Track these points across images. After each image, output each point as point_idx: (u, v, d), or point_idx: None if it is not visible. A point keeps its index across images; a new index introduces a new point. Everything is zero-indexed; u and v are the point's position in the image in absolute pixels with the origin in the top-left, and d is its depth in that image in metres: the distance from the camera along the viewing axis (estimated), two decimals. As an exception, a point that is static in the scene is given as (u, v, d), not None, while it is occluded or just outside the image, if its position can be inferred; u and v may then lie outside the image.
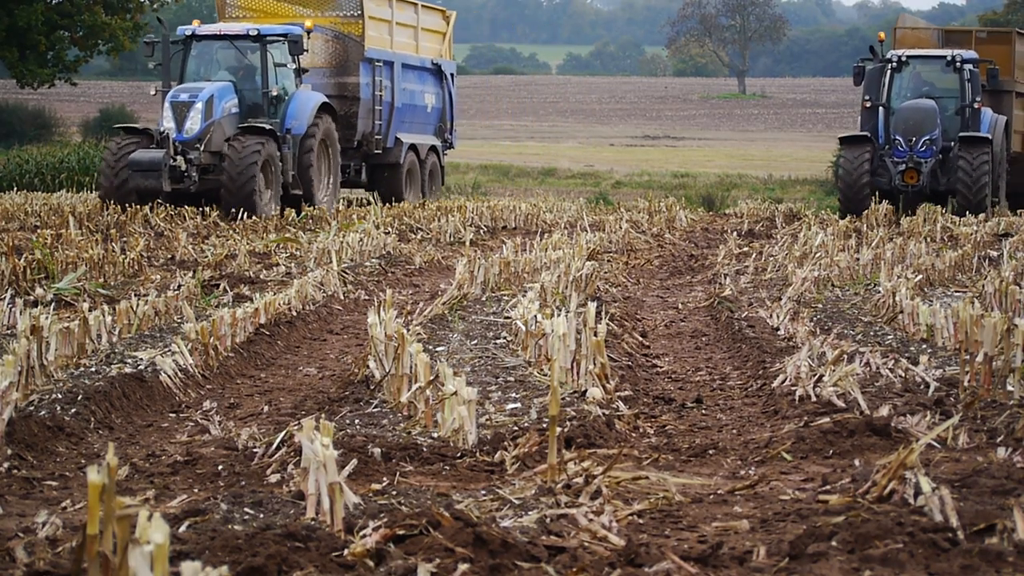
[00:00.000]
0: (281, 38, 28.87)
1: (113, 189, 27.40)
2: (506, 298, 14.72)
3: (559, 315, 9.28)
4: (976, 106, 32.44)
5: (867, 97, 32.93)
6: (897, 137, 31.95)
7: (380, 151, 32.68)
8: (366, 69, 32.22)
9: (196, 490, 6.60)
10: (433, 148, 35.10)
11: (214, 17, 34.19)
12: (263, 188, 27.68)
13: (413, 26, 34.70)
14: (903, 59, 32.76)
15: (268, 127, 28.01)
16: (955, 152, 31.83)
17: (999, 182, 33.65)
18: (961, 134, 32.02)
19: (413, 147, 33.76)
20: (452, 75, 36.22)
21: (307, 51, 29.65)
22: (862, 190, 31.64)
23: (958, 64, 32.52)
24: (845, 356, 9.57)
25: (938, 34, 36.70)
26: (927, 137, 31.77)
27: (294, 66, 29.31)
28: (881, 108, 32.73)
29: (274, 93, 28.81)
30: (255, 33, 28.82)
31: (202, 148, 27.58)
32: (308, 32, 29.64)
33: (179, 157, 27.29)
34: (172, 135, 27.46)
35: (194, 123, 27.64)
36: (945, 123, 32.37)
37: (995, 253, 21.00)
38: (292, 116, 28.99)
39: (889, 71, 32.76)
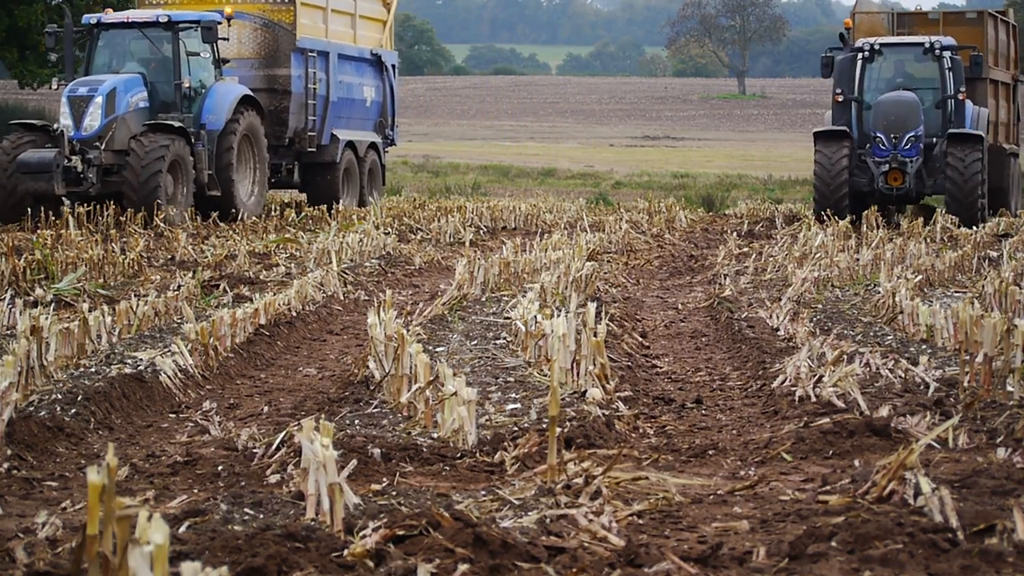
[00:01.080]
0: (193, 25, 26.40)
1: (6, 194, 25.07)
2: (506, 298, 14.72)
3: (559, 315, 9.28)
4: (960, 97, 29.36)
5: (838, 90, 29.84)
6: (878, 134, 28.93)
7: (314, 149, 30.05)
8: (298, 60, 29.44)
9: (196, 490, 6.60)
10: (373, 145, 32.29)
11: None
12: (170, 190, 25.44)
13: (351, 13, 31.87)
14: (876, 47, 29.81)
15: (178, 124, 25.69)
16: (941, 150, 28.99)
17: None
18: (951, 131, 29.02)
19: (351, 144, 31.09)
20: (394, 67, 33.34)
21: (226, 39, 27.29)
22: (840, 190, 28.78)
23: (937, 51, 29.54)
24: (845, 356, 9.57)
25: (889, 18, 33.14)
26: (911, 134, 28.83)
27: (209, 56, 26.83)
28: (854, 103, 29.77)
29: (187, 85, 26.38)
30: (165, 20, 26.41)
31: (103, 147, 25.32)
32: (228, 19, 27.36)
33: (75, 157, 24.95)
34: (69, 133, 25.21)
35: (93, 119, 25.36)
36: (926, 117, 29.36)
37: (995, 253, 21.00)
38: (209, 111, 26.56)
39: (861, 61, 29.77)
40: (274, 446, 7.17)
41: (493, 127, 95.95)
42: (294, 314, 13.29)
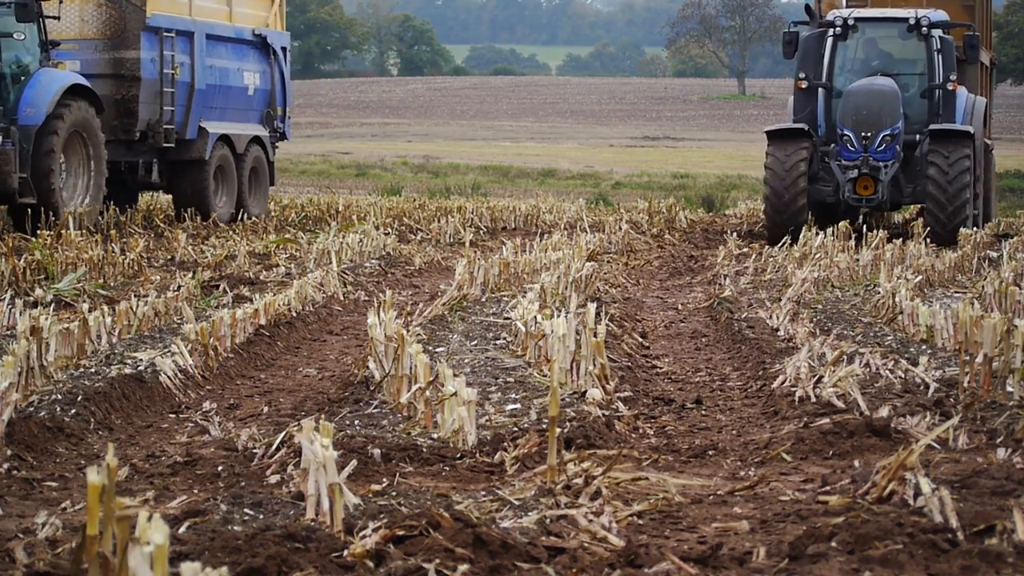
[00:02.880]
0: (5, 4, 22.12)
1: None
2: (506, 299, 14.72)
3: (559, 316, 9.27)
4: (951, 86, 24.22)
5: (802, 75, 24.60)
6: (846, 131, 23.78)
7: (173, 144, 25.51)
8: (149, 41, 24.99)
9: (196, 491, 6.60)
10: (257, 140, 27.87)
11: None
12: None
13: None
14: (849, 22, 24.60)
15: None
16: (923, 150, 23.86)
17: (976, 188, 24.76)
18: (932, 127, 23.90)
19: (225, 139, 26.71)
20: (284, 49, 28.76)
21: (55, 18, 23.31)
22: (795, 204, 23.51)
23: (925, 28, 24.25)
24: (845, 357, 9.57)
25: None
26: (887, 132, 23.68)
27: (22, 37, 22.31)
28: (822, 90, 24.70)
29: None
30: None
31: None
32: None
33: None
34: None
35: None
36: (908, 109, 24.35)
37: (995, 254, 21.00)
38: (28, 103, 21.90)
39: (831, 39, 24.63)
40: (274, 446, 7.17)
41: (493, 127, 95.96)
42: (294, 314, 13.29)
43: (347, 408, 8.68)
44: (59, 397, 8.47)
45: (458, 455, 7.16)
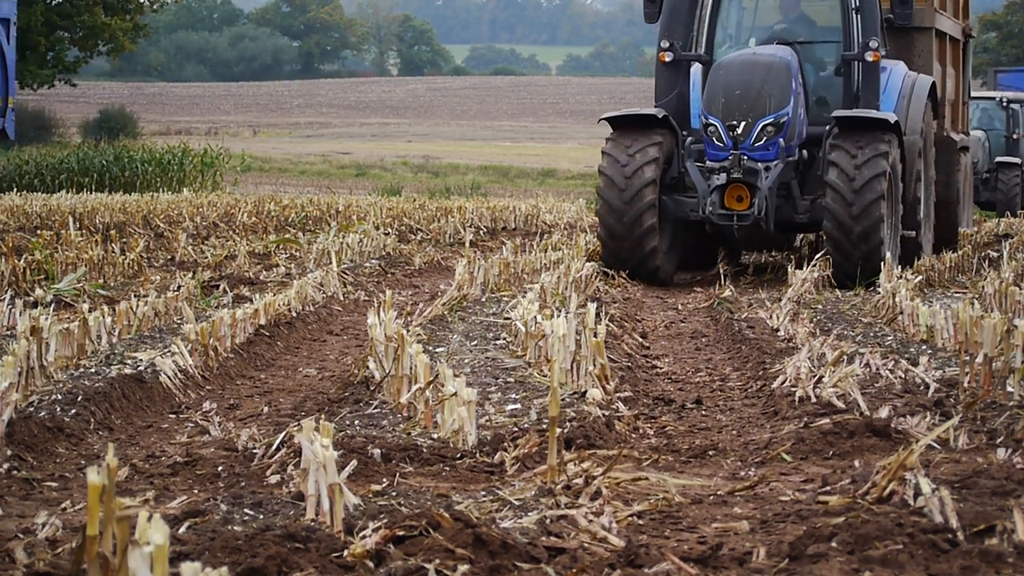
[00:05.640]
0: None
1: None
2: (506, 299, 14.72)
3: (559, 316, 9.28)
4: (870, 57, 17.32)
5: (665, 44, 17.91)
6: (711, 120, 16.83)
7: None
8: None
9: (196, 491, 6.60)
10: None
11: None
12: None
13: None
14: None
15: None
16: (828, 149, 16.81)
17: (916, 204, 18.15)
18: (837, 113, 17.00)
19: None
20: (7, 21, 23.49)
21: None
22: (640, 223, 16.96)
23: None
24: (845, 357, 9.57)
25: None
26: (768, 120, 16.72)
27: None
28: (698, 65, 17.91)
29: None
30: None
31: None
32: None
33: None
34: None
35: None
36: (815, 91, 17.84)
37: (995, 254, 20.99)
38: None
39: None
40: (274, 446, 7.17)
41: (493, 127, 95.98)
42: (294, 314, 13.29)
43: (347, 408, 8.68)
44: (59, 397, 8.47)
45: (458, 455, 7.16)
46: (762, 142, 16.77)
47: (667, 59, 18.08)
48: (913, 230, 18.09)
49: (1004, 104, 39.06)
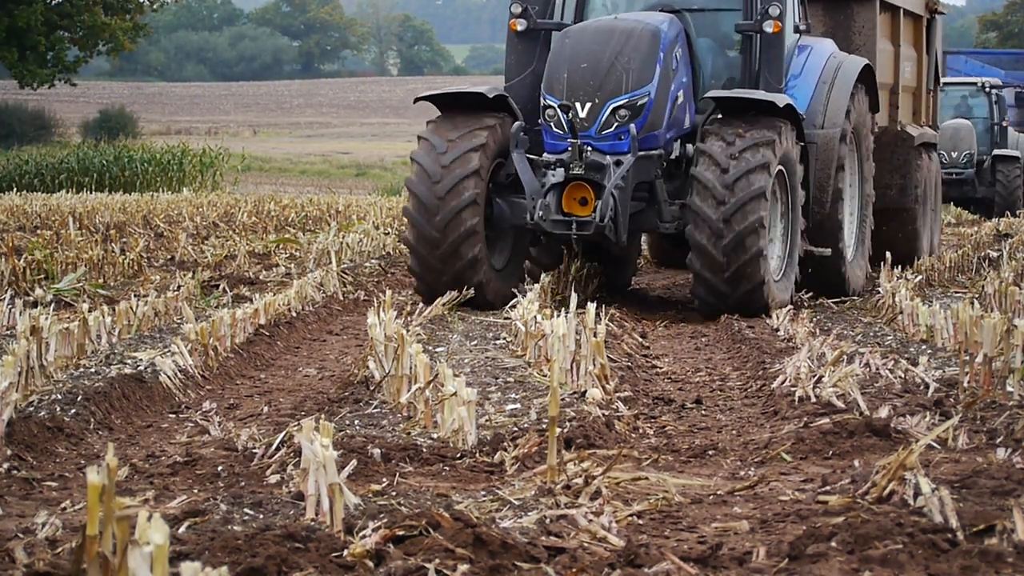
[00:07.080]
0: None
1: None
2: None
3: (559, 316, 9.28)
4: (770, 28, 14.03)
5: (517, 9, 14.60)
6: (549, 100, 13.62)
7: None
8: None
9: (196, 491, 6.59)
10: None
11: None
12: None
13: None
14: None
15: None
16: (701, 136, 13.73)
17: (836, 216, 14.85)
18: (715, 93, 13.79)
19: None
20: None
21: None
22: (455, 229, 13.60)
23: None
24: (845, 357, 9.57)
25: None
26: (620, 101, 13.44)
27: None
28: (556, 35, 14.42)
29: None
30: None
31: None
32: None
33: None
34: None
35: None
36: (716, 72, 14.72)
37: (995, 254, 20.99)
38: None
39: None
40: (274, 446, 7.17)
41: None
42: (294, 314, 13.29)
43: (347, 408, 8.68)
44: (59, 397, 8.46)
45: (458, 455, 7.16)
46: (611, 129, 13.45)
47: (519, 28, 14.65)
48: (828, 247, 14.73)
49: (987, 90, 35.29)
